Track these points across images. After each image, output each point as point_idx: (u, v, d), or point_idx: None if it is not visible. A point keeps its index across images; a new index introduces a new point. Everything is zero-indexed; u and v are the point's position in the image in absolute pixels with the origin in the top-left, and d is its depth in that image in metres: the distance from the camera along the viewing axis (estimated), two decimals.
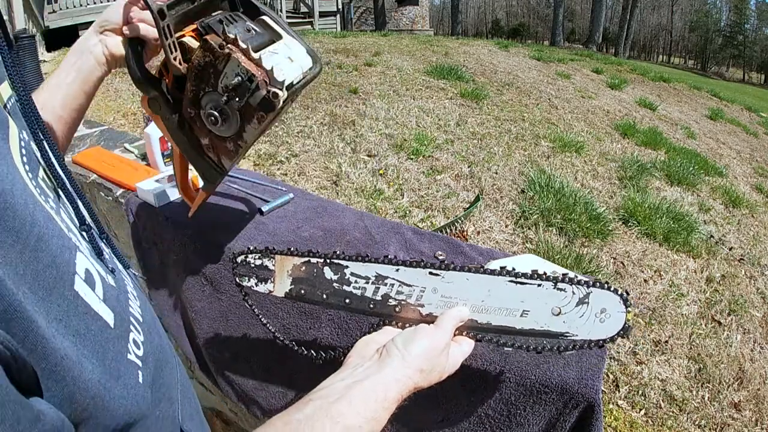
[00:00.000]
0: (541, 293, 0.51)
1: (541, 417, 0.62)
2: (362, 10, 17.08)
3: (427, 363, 0.47)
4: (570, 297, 0.50)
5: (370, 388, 0.43)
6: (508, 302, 0.51)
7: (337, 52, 5.75)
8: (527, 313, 0.51)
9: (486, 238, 2.47)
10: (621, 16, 23.97)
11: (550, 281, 0.51)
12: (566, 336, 0.51)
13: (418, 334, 0.48)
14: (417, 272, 0.53)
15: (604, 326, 0.50)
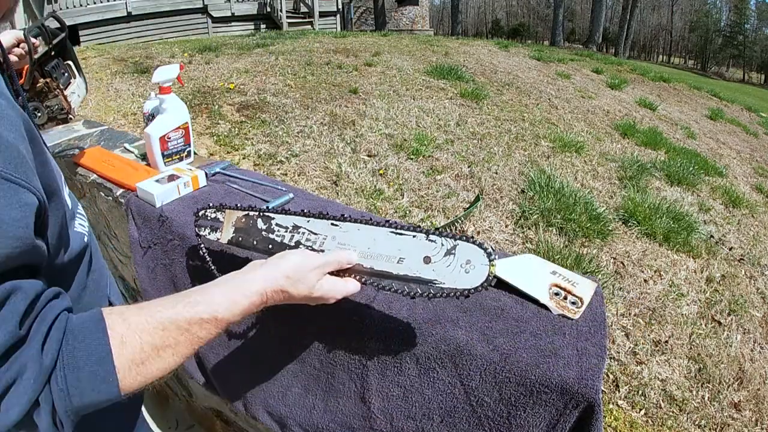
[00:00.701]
0: (415, 243, 0.58)
1: (541, 417, 0.62)
2: (362, 10, 17.08)
3: (294, 273, 0.55)
4: (439, 248, 0.57)
5: (241, 279, 0.54)
6: (388, 250, 0.59)
7: (337, 52, 5.75)
8: (403, 260, 0.58)
9: (486, 238, 2.47)
10: (621, 16, 23.96)
11: (422, 233, 0.58)
12: (435, 283, 0.57)
13: (295, 251, 0.59)
14: (322, 223, 0.64)
15: (469, 276, 0.55)
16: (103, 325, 0.44)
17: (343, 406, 0.75)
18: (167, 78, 1.06)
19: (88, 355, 0.42)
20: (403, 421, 0.70)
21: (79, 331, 0.43)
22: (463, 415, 0.66)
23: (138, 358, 0.44)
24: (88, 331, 0.43)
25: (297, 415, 0.80)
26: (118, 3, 8.13)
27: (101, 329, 0.44)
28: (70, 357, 0.42)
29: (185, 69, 4.56)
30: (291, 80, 4.42)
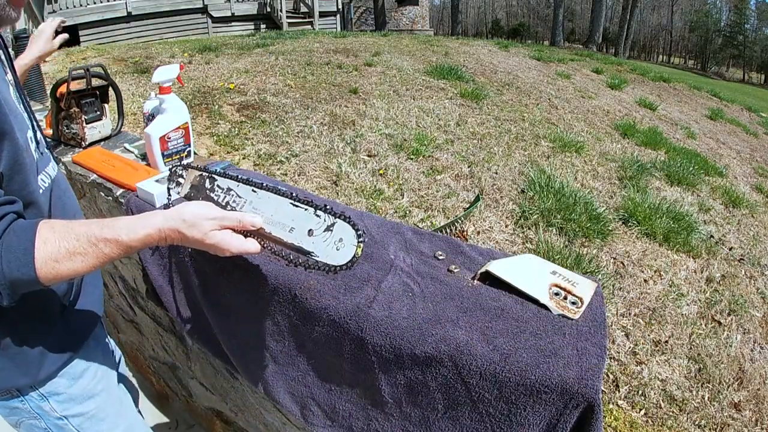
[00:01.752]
0: (305, 216, 0.64)
1: (542, 417, 0.62)
2: (362, 10, 17.08)
3: (191, 218, 0.63)
4: (321, 223, 0.62)
5: (146, 215, 0.65)
6: (284, 219, 0.65)
7: (337, 52, 5.75)
8: (293, 230, 0.64)
9: (486, 238, 2.47)
10: (621, 16, 23.95)
11: (312, 207, 0.64)
12: (312, 255, 0.63)
13: (199, 202, 0.69)
14: (246, 189, 0.71)
15: (339, 254, 0.61)
16: (35, 228, 0.59)
17: (357, 388, 0.77)
18: (167, 78, 1.06)
19: (18, 245, 0.57)
20: (411, 408, 0.72)
21: (19, 229, 0.59)
22: (465, 409, 0.67)
23: (54, 256, 0.58)
24: (23, 230, 0.59)
25: (317, 395, 0.82)
26: (118, 3, 8.13)
27: (32, 230, 0.58)
28: (7, 244, 0.57)
29: (185, 69, 4.56)
30: (291, 80, 4.42)
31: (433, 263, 0.84)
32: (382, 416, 0.76)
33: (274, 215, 0.67)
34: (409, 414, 0.73)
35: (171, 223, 0.63)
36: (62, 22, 1.21)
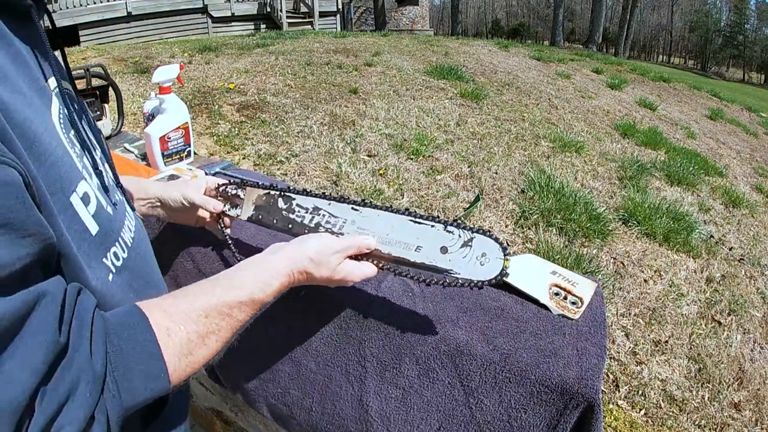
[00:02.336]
0: (434, 233, 0.59)
1: (542, 418, 0.62)
2: (362, 10, 17.08)
3: (316, 255, 0.57)
4: (456, 239, 0.59)
5: (269, 261, 0.56)
6: (406, 237, 0.60)
7: (337, 52, 5.75)
8: (420, 249, 0.60)
9: None
10: (621, 16, 23.96)
11: (441, 223, 0.60)
12: (450, 273, 0.58)
13: (316, 235, 0.62)
14: (343, 207, 0.65)
15: (484, 269, 0.57)
16: (146, 319, 0.42)
17: (339, 409, 0.75)
18: (167, 78, 1.06)
19: (137, 354, 0.40)
20: (401, 426, 0.70)
21: (122, 329, 0.40)
22: (462, 420, 0.66)
23: (186, 348, 0.43)
24: (132, 328, 0.41)
25: (297, 415, 0.81)
26: (118, 3, 8.13)
27: (145, 324, 0.41)
28: (119, 358, 0.38)
29: (185, 69, 4.56)
30: (291, 80, 4.42)
31: None
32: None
33: (390, 234, 0.61)
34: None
35: (299, 265, 0.56)
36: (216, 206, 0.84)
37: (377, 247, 0.62)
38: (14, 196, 0.31)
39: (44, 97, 0.42)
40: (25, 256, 0.32)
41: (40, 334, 0.33)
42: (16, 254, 0.31)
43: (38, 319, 0.33)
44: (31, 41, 0.44)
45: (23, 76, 0.39)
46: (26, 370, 0.31)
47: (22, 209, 0.32)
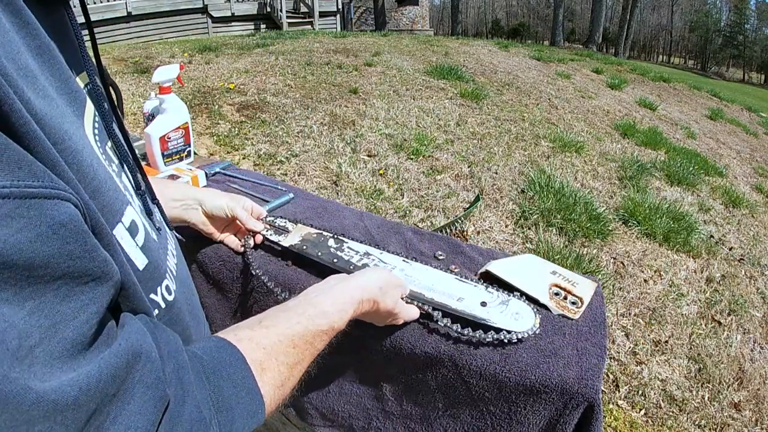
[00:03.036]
0: (475, 290, 0.68)
1: (542, 416, 0.62)
2: (362, 10, 17.08)
3: (384, 284, 0.59)
4: (495, 298, 0.67)
5: (341, 288, 0.55)
6: (450, 290, 0.68)
7: (337, 52, 5.75)
8: (462, 300, 0.66)
9: (486, 238, 2.47)
10: (621, 16, 23.96)
11: (483, 284, 0.68)
12: (487, 322, 0.64)
13: (377, 268, 0.65)
14: (393, 257, 0.75)
15: (518, 323, 0.64)
16: (241, 355, 0.39)
17: (357, 387, 0.77)
18: (167, 78, 1.06)
19: (237, 393, 0.37)
20: (411, 406, 0.72)
21: (220, 368, 0.38)
22: (466, 408, 0.67)
23: (278, 381, 0.42)
24: (229, 366, 0.38)
25: (313, 400, 0.82)
26: (118, 3, 8.13)
27: (241, 360, 0.39)
28: (221, 400, 0.36)
29: (185, 69, 4.56)
30: (291, 80, 4.42)
31: (433, 263, 0.84)
32: (383, 415, 0.76)
33: (435, 285, 0.69)
34: (410, 413, 0.73)
35: (369, 293, 0.56)
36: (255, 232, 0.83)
37: (422, 292, 0.67)
38: (74, 239, 0.26)
39: (76, 102, 0.35)
40: (93, 304, 0.27)
41: (144, 391, 0.29)
42: (81, 305, 0.26)
43: (139, 374, 0.29)
44: (59, 30, 0.37)
45: (50, 77, 0.33)
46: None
47: (83, 253, 0.26)
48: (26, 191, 0.24)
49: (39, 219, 0.24)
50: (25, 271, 0.23)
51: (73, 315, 0.26)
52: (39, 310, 0.24)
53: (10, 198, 0.23)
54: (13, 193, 0.23)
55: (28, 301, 0.23)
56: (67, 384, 0.24)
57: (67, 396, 0.24)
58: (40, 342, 0.24)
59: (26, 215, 0.23)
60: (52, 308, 0.25)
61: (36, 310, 0.24)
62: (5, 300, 0.22)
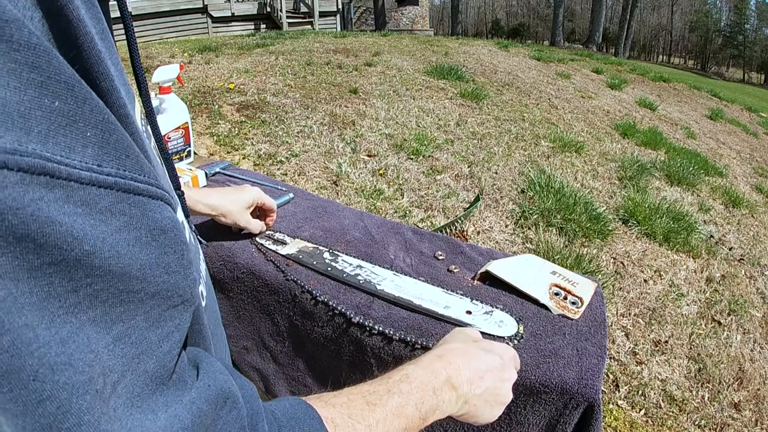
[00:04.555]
0: (461, 301, 0.73)
1: (542, 416, 0.62)
2: (362, 10, 17.07)
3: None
4: (480, 308, 0.72)
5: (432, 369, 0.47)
6: (437, 299, 0.73)
7: (337, 52, 5.75)
8: (448, 308, 0.71)
9: (486, 238, 2.47)
10: (621, 16, 23.95)
11: (467, 297, 0.74)
12: (472, 326, 0.68)
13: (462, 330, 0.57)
14: (384, 270, 0.80)
15: (502, 329, 0.68)
16: (315, 412, 0.36)
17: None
18: (167, 78, 1.06)
19: None
20: None
21: (293, 422, 0.34)
22: None
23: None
24: (303, 422, 0.34)
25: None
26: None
27: (315, 419, 0.35)
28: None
29: (185, 69, 4.56)
30: (291, 80, 4.42)
31: (433, 263, 0.84)
32: None
33: (423, 294, 0.74)
34: None
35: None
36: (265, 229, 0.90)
37: (410, 299, 0.73)
38: (173, 249, 0.22)
39: (129, 95, 0.32)
40: (178, 332, 0.24)
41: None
42: (167, 332, 0.23)
43: (222, 421, 0.26)
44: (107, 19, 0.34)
45: (111, 65, 0.28)
46: None
47: (179, 268, 0.23)
48: (131, 185, 0.21)
49: (140, 220, 0.21)
50: (119, 283, 0.20)
51: (158, 343, 0.22)
52: (126, 336, 0.20)
53: (113, 189, 0.20)
54: (118, 184, 0.20)
55: (116, 324, 0.20)
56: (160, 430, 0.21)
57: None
58: (122, 377, 0.20)
59: (127, 213, 0.20)
60: (140, 335, 0.21)
61: (123, 337, 0.20)
62: (92, 320, 0.19)
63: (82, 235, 0.18)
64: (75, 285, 0.18)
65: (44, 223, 0.17)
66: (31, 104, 0.17)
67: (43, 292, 0.17)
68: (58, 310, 0.17)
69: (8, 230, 0.16)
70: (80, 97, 0.19)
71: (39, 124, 0.17)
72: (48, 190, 0.17)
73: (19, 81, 0.17)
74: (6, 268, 0.16)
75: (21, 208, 0.16)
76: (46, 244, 0.17)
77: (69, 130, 0.18)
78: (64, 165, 0.18)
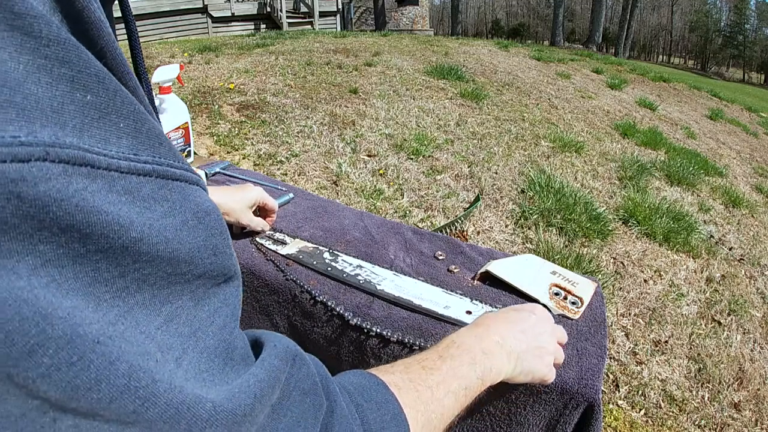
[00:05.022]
0: (461, 301, 0.73)
1: (542, 417, 0.62)
2: (362, 10, 17.07)
3: None
4: (480, 309, 0.72)
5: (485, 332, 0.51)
6: (437, 299, 0.73)
7: (337, 52, 5.75)
8: (448, 308, 0.72)
9: (486, 238, 2.47)
10: (621, 16, 23.94)
11: (467, 297, 0.74)
12: None
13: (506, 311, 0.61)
14: (384, 270, 0.80)
15: None
16: (379, 380, 0.37)
17: None
18: (167, 78, 1.06)
19: (381, 417, 0.34)
20: None
21: (361, 389, 0.35)
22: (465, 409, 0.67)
23: (420, 406, 0.38)
24: (369, 389, 0.35)
25: None
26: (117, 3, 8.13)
27: (381, 385, 0.36)
28: (365, 420, 0.33)
29: (185, 69, 4.56)
30: (291, 80, 4.42)
31: (433, 263, 0.84)
32: None
33: (423, 294, 0.74)
34: None
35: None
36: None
37: (411, 299, 0.73)
38: (218, 231, 0.23)
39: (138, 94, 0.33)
40: (226, 307, 0.24)
41: (302, 399, 0.27)
42: (214, 309, 0.23)
43: (295, 379, 0.27)
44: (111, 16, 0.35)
45: None
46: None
47: (225, 248, 0.23)
48: (169, 171, 0.21)
49: (183, 204, 0.21)
50: (168, 267, 0.20)
51: (210, 319, 0.23)
52: (176, 316, 0.21)
53: (152, 176, 0.20)
54: (156, 171, 0.20)
55: (165, 306, 0.20)
56: (239, 391, 0.22)
57: (244, 405, 0.22)
58: (183, 353, 0.21)
59: (170, 198, 0.20)
60: (189, 313, 0.21)
61: (173, 317, 0.21)
62: (141, 304, 0.19)
63: (129, 222, 0.18)
64: (122, 270, 0.18)
65: (89, 213, 0.17)
66: (64, 99, 0.17)
67: (89, 277, 0.17)
68: (105, 294, 0.18)
69: (53, 222, 0.16)
70: (111, 89, 0.19)
71: (73, 118, 0.17)
72: (91, 181, 0.17)
73: (51, 77, 0.17)
74: (49, 255, 0.16)
75: (65, 199, 0.16)
76: (93, 234, 0.17)
77: (103, 122, 0.19)
78: (103, 155, 0.18)
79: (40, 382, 0.15)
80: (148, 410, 0.18)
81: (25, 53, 0.16)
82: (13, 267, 0.15)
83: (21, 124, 0.16)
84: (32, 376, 0.15)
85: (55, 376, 0.16)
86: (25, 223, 0.15)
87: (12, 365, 0.15)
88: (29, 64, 0.16)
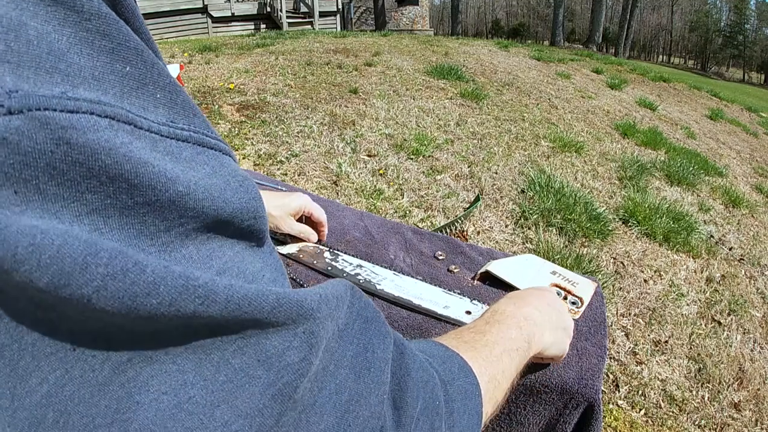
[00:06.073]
0: (461, 301, 0.73)
1: (542, 416, 0.62)
2: (362, 10, 17.07)
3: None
4: (480, 309, 0.71)
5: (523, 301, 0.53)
6: (437, 299, 0.73)
7: (337, 52, 5.75)
8: (448, 308, 0.72)
9: (486, 238, 2.47)
10: (621, 16, 23.94)
11: (467, 297, 0.74)
12: None
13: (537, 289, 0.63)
14: (384, 269, 0.79)
15: None
16: (448, 348, 0.37)
17: None
18: None
19: (449, 369, 0.34)
20: None
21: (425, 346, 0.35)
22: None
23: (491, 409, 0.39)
24: (434, 346, 0.36)
25: None
26: None
27: (453, 352, 0.36)
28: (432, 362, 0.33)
29: (185, 69, 4.56)
30: (291, 80, 4.42)
31: (433, 263, 0.84)
32: None
33: (423, 294, 0.74)
34: None
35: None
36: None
37: (410, 299, 0.73)
38: (258, 196, 0.23)
39: None
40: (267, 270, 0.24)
41: (365, 326, 0.27)
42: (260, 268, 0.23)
43: (357, 307, 0.27)
44: None
45: None
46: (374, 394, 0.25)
47: (263, 213, 0.24)
48: (204, 139, 0.21)
49: (222, 169, 0.21)
50: (212, 223, 0.20)
51: (260, 275, 0.23)
52: (228, 269, 0.21)
53: (190, 143, 0.20)
54: (193, 138, 0.21)
55: (212, 261, 0.21)
56: (305, 293, 0.22)
57: (310, 300, 0.22)
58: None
59: (209, 163, 0.21)
60: (238, 267, 0.22)
61: (225, 270, 0.21)
62: (186, 258, 0.19)
63: (175, 176, 0.18)
64: (168, 225, 0.18)
65: (137, 164, 0.17)
66: (104, 69, 0.18)
67: (135, 230, 0.18)
68: (150, 248, 0.18)
69: (102, 170, 0.16)
70: (148, 62, 0.20)
71: (113, 87, 0.18)
72: (135, 138, 0.18)
73: (92, 48, 0.18)
74: (96, 205, 0.17)
75: (114, 149, 0.17)
76: (140, 185, 0.17)
77: (141, 92, 0.19)
78: (144, 118, 0.19)
79: (95, 298, 0.15)
80: (208, 308, 0.18)
81: (68, 26, 0.17)
82: (57, 212, 0.15)
83: (66, 87, 0.16)
84: (87, 293, 0.15)
85: (111, 286, 0.15)
86: (74, 169, 0.16)
87: (64, 284, 0.15)
88: (72, 36, 0.17)
